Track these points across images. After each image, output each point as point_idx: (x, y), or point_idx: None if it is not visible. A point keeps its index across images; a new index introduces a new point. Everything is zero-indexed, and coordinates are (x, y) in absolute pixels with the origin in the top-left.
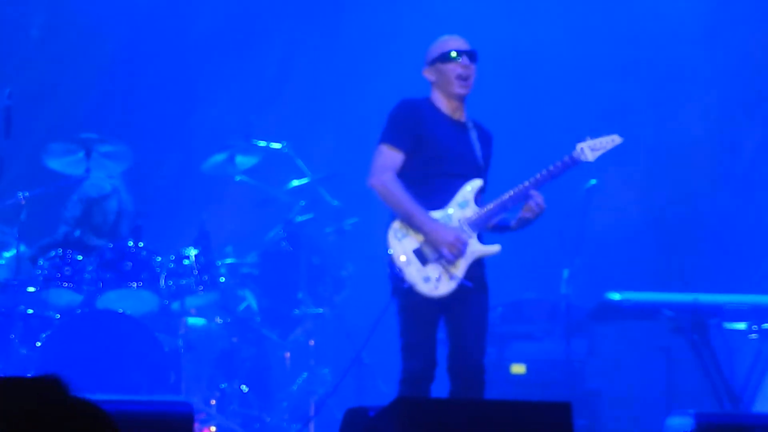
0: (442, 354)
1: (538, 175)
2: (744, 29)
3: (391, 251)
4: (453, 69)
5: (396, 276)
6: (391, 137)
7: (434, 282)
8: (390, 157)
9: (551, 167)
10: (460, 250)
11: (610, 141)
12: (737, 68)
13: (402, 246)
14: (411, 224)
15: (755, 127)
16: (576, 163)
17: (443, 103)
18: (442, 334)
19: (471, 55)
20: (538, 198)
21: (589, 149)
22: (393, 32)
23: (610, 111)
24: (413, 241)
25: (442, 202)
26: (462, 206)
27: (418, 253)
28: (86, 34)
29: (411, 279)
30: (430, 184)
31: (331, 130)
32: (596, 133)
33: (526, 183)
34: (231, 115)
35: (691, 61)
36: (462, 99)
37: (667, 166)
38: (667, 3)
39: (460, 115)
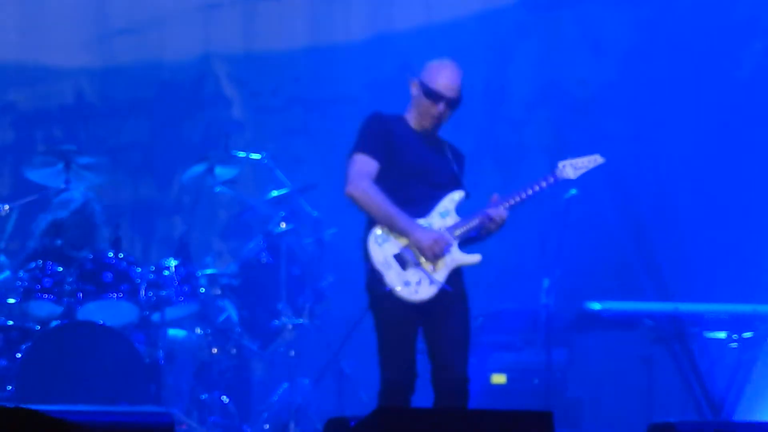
0: (423, 364)
1: (523, 194)
2: (730, 44)
3: (371, 257)
4: (429, 107)
5: (376, 281)
6: (364, 146)
7: (414, 286)
8: (365, 165)
9: (534, 185)
10: (442, 248)
11: (593, 160)
12: (719, 79)
13: (382, 251)
14: (392, 227)
15: (736, 137)
16: (558, 181)
17: (416, 121)
18: (422, 344)
19: (453, 104)
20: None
21: (571, 167)
22: (372, 43)
23: (591, 120)
24: (394, 246)
25: (423, 212)
26: (443, 216)
27: (399, 259)
28: (64, 42)
29: (391, 283)
30: (410, 194)
31: (310, 140)
32: (577, 153)
33: (511, 201)
34: (210, 126)
35: (672, 71)
36: (431, 130)
37: (648, 176)
38: (650, 14)
39: (433, 133)
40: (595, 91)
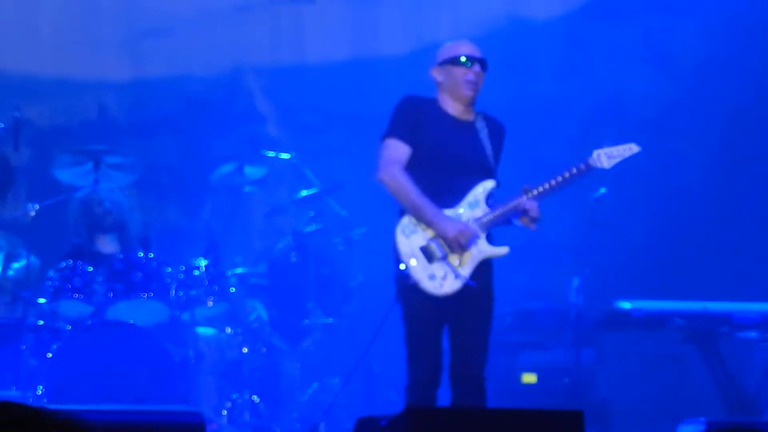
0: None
1: (553, 181)
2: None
3: (398, 248)
4: (463, 73)
5: (401, 272)
6: (395, 131)
7: (439, 280)
8: (396, 150)
9: (566, 173)
10: (467, 239)
11: (628, 149)
12: (747, 79)
13: (409, 242)
14: (419, 216)
15: (764, 136)
16: (591, 169)
17: (449, 105)
18: (445, 342)
19: (482, 64)
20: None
21: (606, 156)
22: (399, 39)
23: (622, 117)
24: (421, 238)
25: (452, 202)
26: (472, 206)
27: (425, 251)
28: (95, 43)
29: (416, 276)
30: (440, 183)
31: (339, 139)
32: (612, 142)
33: (540, 188)
34: (240, 125)
35: (703, 70)
36: (470, 101)
37: (678, 174)
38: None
39: (468, 116)
40: (628, 86)
